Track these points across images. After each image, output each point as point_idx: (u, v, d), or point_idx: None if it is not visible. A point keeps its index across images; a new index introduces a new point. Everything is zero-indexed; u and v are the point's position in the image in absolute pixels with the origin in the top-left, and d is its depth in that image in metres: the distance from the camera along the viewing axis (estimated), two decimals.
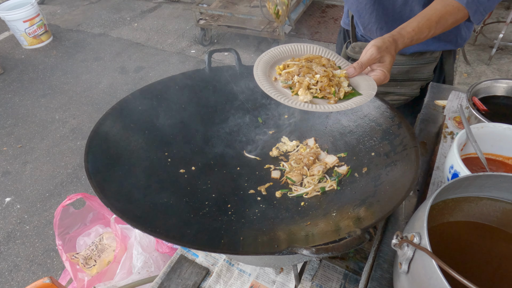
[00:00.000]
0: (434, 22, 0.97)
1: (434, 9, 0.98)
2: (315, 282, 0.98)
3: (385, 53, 0.90)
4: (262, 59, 0.97)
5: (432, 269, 0.48)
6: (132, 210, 0.75)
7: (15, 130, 3.20)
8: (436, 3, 0.99)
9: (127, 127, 0.98)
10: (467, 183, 0.63)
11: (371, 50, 0.89)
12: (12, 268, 2.17)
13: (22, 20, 4.08)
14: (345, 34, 1.51)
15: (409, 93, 1.32)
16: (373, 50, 0.89)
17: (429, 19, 0.96)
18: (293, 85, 0.89)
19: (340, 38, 1.55)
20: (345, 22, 1.46)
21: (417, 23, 0.96)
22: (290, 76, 0.90)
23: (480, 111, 0.97)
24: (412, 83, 1.31)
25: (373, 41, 0.91)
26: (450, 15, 0.97)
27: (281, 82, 0.91)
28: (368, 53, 0.90)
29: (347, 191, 0.91)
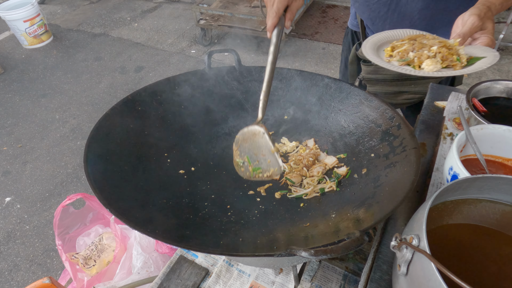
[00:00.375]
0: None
1: None
2: (315, 283, 0.98)
3: (485, 19, 0.89)
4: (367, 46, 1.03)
5: (430, 271, 0.48)
6: (131, 211, 0.75)
7: (15, 130, 3.20)
8: None
9: (126, 127, 0.98)
10: (466, 185, 0.63)
11: (472, 19, 0.87)
12: (12, 268, 2.17)
13: (22, 20, 4.08)
14: (353, 35, 1.50)
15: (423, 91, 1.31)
16: (474, 19, 0.87)
17: None
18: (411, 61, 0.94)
19: (347, 40, 1.54)
20: (353, 24, 1.45)
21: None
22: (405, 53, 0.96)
23: (480, 112, 0.96)
24: (426, 81, 1.31)
25: (468, 11, 0.88)
26: None
27: (397, 62, 0.96)
28: (469, 22, 0.87)
29: (346, 192, 0.91)
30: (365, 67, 1.33)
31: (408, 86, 1.32)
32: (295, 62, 3.78)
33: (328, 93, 1.10)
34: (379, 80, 1.32)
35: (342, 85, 1.08)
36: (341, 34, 4.10)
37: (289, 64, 3.71)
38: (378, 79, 1.32)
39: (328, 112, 1.10)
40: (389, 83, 1.33)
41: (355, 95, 1.05)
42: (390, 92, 1.31)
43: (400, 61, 0.96)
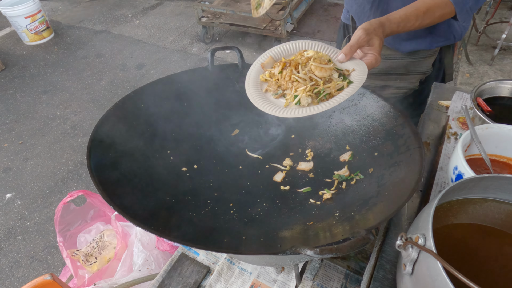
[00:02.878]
0: (422, 13, 0.99)
1: (423, 1, 1.00)
2: (316, 281, 0.98)
3: (373, 35, 0.91)
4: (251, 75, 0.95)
5: (437, 270, 0.48)
6: (134, 208, 0.74)
7: (16, 127, 3.20)
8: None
9: (129, 124, 0.98)
10: (472, 185, 0.63)
11: (359, 33, 0.90)
12: (12, 264, 2.17)
13: (23, 16, 4.07)
14: (345, 29, 1.52)
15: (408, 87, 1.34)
16: (361, 32, 0.90)
17: (417, 9, 0.99)
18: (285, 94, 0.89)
19: (340, 33, 1.57)
20: (346, 17, 1.48)
21: (405, 11, 0.98)
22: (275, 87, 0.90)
23: (485, 112, 0.96)
24: (411, 76, 1.32)
25: (360, 25, 0.92)
26: (438, 8, 1.00)
27: (272, 94, 0.90)
28: (356, 35, 0.90)
29: (350, 191, 0.91)
30: None
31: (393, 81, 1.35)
32: None
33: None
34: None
35: None
36: None
37: None
38: None
39: (331, 110, 1.10)
40: (375, 77, 1.35)
41: (359, 93, 1.04)
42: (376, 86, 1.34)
43: (274, 94, 0.90)
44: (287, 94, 0.88)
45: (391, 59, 1.29)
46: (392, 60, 1.29)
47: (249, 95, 0.89)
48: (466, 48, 3.27)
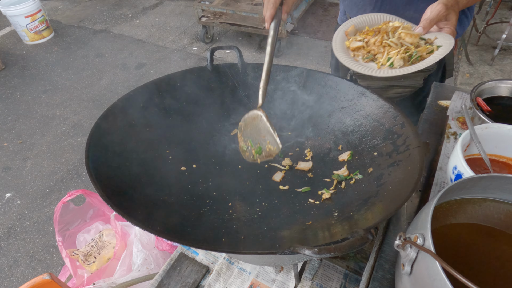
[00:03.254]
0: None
1: None
2: (315, 281, 0.97)
3: (451, 10, 0.95)
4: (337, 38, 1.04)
5: (435, 270, 0.47)
6: (133, 208, 0.74)
7: (16, 126, 3.20)
8: None
9: (128, 124, 0.98)
10: (471, 184, 0.63)
11: (439, 7, 0.94)
12: (12, 264, 2.17)
13: (23, 16, 4.07)
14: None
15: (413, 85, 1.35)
16: (441, 7, 0.94)
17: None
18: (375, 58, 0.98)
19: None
20: (343, 19, 1.47)
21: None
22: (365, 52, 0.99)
23: (484, 111, 0.96)
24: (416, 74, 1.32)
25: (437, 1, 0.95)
26: None
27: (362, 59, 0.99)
28: (436, 10, 0.94)
29: (349, 190, 0.91)
30: None
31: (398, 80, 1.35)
32: (297, 60, 3.76)
33: (331, 91, 1.10)
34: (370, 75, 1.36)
35: (345, 83, 1.07)
36: None
37: (290, 63, 3.70)
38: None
39: (331, 110, 1.10)
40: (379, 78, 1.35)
41: (358, 93, 1.04)
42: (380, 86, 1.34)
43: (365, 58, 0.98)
44: (378, 58, 0.96)
45: None
46: None
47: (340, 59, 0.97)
48: (466, 48, 3.27)
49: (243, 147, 0.93)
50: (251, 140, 0.91)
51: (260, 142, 0.90)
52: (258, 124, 0.89)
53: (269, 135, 0.88)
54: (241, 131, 0.92)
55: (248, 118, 0.90)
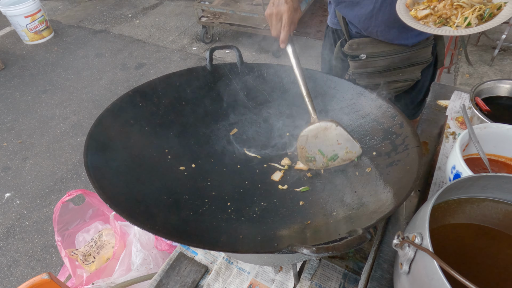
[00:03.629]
0: None
1: None
2: (314, 281, 0.97)
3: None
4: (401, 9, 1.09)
5: (433, 270, 0.47)
6: (132, 207, 0.74)
7: (15, 126, 3.20)
8: None
9: (127, 123, 0.98)
10: (470, 184, 0.63)
11: None
12: (11, 264, 2.17)
13: (23, 16, 4.07)
14: (334, 34, 1.50)
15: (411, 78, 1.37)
16: None
17: None
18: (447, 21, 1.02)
19: (329, 39, 1.54)
20: (334, 22, 1.46)
21: None
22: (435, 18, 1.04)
23: (483, 111, 0.96)
24: (413, 68, 1.35)
25: None
26: None
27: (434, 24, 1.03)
28: None
29: (347, 190, 0.91)
30: (353, 62, 1.36)
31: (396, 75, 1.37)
32: None
33: (330, 91, 1.10)
34: (368, 73, 1.36)
35: (344, 83, 1.07)
36: None
37: (290, 63, 3.69)
38: (367, 72, 1.36)
39: (330, 109, 1.10)
40: (379, 75, 1.36)
41: (357, 93, 1.04)
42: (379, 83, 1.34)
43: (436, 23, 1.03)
44: (452, 20, 1.01)
45: (393, 54, 1.31)
46: (394, 56, 1.31)
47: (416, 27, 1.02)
48: (466, 48, 3.27)
49: (309, 157, 0.99)
50: (321, 150, 0.98)
51: (335, 149, 0.97)
52: (330, 133, 0.95)
53: (348, 142, 0.94)
54: (304, 142, 0.97)
55: (317, 129, 0.96)
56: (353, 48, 1.34)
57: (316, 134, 0.96)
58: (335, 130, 0.94)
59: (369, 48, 1.32)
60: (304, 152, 0.98)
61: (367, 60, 1.32)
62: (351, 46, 1.34)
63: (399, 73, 1.35)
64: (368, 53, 1.32)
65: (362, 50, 1.32)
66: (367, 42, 1.31)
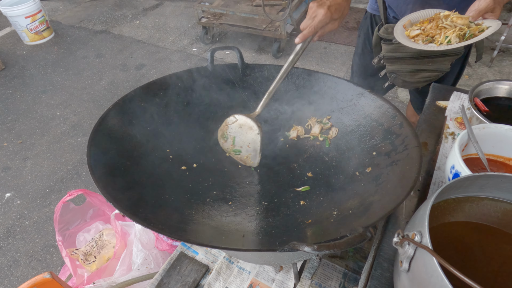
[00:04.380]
0: None
1: None
2: (315, 280, 0.98)
3: (497, 5, 1.08)
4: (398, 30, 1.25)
5: (433, 267, 0.48)
6: (134, 206, 0.75)
7: (15, 126, 3.20)
8: None
9: (129, 123, 0.98)
10: (468, 183, 0.64)
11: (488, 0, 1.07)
12: (11, 264, 2.17)
13: (24, 16, 4.07)
14: (372, 19, 1.56)
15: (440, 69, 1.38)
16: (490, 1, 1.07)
17: None
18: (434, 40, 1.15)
19: (366, 24, 1.60)
20: (374, 8, 1.52)
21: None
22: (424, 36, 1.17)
23: (482, 112, 0.97)
24: (444, 58, 1.36)
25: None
26: None
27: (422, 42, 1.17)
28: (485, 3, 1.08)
29: (348, 189, 0.91)
30: (386, 45, 1.40)
31: (425, 65, 1.39)
32: (296, 61, 3.77)
33: (331, 91, 1.11)
34: (398, 58, 1.39)
35: (344, 84, 1.08)
36: (343, 34, 4.11)
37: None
38: (398, 57, 1.39)
39: (330, 110, 1.11)
40: (408, 61, 1.39)
41: (358, 93, 1.05)
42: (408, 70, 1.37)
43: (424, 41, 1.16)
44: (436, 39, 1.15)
45: None
46: None
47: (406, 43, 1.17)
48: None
49: (224, 136, 1.06)
50: (235, 137, 1.04)
51: (243, 147, 1.04)
52: (250, 134, 1.01)
53: (254, 151, 1.02)
54: (231, 123, 1.03)
55: (246, 123, 1.01)
56: (388, 31, 1.38)
57: (242, 125, 1.02)
58: (254, 135, 1.00)
59: None
60: (225, 129, 1.05)
61: (399, 45, 1.36)
62: (387, 29, 1.38)
63: (429, 62, 1.37)
64: None
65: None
66: None
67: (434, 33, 1.17)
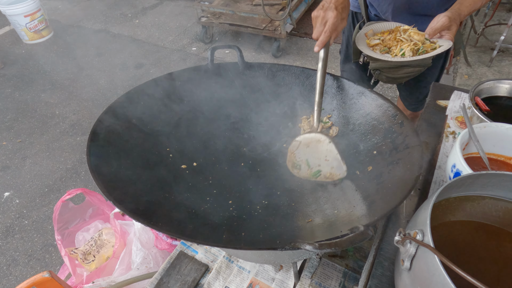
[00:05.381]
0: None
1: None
2: (315, 279, 0.98)
3: (453, 23, 1.14)
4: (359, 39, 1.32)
5: (435, 265, 0.48)
6: (134, 205, 0.75)
7: (15, 125, 3.19)
8: None
9: (129, 122, 0.98)
10: (470, 182, 0.64)
11: (443, 19, 1.13)
12: (10, 263, 2.17)
13: (23, 15, 4.06)
14: (353, 16, 1.58)
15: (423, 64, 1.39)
16: (445, 20, 1.13)
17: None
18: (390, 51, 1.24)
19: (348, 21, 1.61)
20: (354, 5, 1.53)
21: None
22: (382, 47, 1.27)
23: (483, 111, 0.97)
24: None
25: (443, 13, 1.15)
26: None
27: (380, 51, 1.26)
28: (441, 21, 1.14)
29: (349, 188, 0.91)
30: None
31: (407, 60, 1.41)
32: (296, 61, 3.77)
33: (332, 91, 1.11)
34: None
35: (345, 83, 1.08)
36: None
37: (290, 63, 3.70)
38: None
39: (330, 109, 1.10)
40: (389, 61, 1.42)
41: (358, 92, 1.05)
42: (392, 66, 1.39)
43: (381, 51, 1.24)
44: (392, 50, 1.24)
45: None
46: None
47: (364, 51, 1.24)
48: (464, 49, 3.28)
49: (296, 164, 0.99)
50: (308, 160, 0.97)
51: (321, 164, 0.96)
52: (320, 147, 0.95)
53: (335, 161, 0.93)
54: (296, 148, 0.97)
55: (311, 139, 0.95)
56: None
57: (309, 143, 0.96)
58: (326, 145, 0.93)
59: None
60: (293, 158, 0.99)
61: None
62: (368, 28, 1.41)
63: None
64: None
65: None
66: None
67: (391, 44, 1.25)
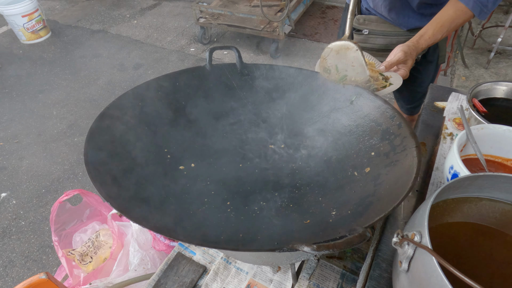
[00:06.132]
0: (446, 27, 1.16)
1: (447, 15, 1.15)
2: (312, 281, 0.98)
3: (409, 57, 1.16)
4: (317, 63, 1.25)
5: (432, 267, 0.48)
6: (132, 206, 0.74)
7: (12, 125, 3.18)
8: (448, 8, 1.16)
9: (127, 122, 0.98)
10: (468, 183, 0.64)
11: (399, 54, 1.15)
12: (7, 264, 2.16)
13: (20, 15, 4.05)
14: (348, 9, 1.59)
15: None
16: (401, 54, 1.15)
17: (442, 25, 1.16)
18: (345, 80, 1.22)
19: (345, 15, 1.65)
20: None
21: (433, 30, 1.17)
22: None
23: (480, 112, 0.97)
24: None
25: (400, 46, 1.17)
26: (460, 18, 1.15)
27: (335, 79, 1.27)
28: (397, 56, 1.15)
29: (346, 190, 0.91)
30: (357, 35, 1.48)
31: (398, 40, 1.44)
32: (294, 62, 3.78)
33: (329, 92, 1.11)
34: (367, 49, 1.47)
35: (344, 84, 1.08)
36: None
37: (288, 64, 3.70)
38: (366, 47, 1.48)
39: (328, 110, 1.11)
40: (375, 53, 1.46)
41: (356, 94, 1.05)
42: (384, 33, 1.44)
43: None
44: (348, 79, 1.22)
45: (392, 35, 1.42)
46: (392, 37, 1.42)
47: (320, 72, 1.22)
48: (462, 51, 3.30)
49: (326, 68, 1.09)
50: (337, 65, 1.07)
51: (347, 69, 1.05)
52: (349, 54, 1.03)
53: (360, 66, 1.03)
54: (327, 54, 1.07)
55: (341, 46, 1.04)
56: (359, 22, 1.46)
57: (339, 50, 1.04)
58: (354, 52, 1.02)
59: (373, 25, 1.44)
60: (324, 63, 1.08)
61: (368, 36, 1.44)
62: (358, 20, 1.46)
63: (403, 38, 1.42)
64: (370, 30, 1.44)
65: (366, 26, 1.45)
66: (372, 19, 1.44)
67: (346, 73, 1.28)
